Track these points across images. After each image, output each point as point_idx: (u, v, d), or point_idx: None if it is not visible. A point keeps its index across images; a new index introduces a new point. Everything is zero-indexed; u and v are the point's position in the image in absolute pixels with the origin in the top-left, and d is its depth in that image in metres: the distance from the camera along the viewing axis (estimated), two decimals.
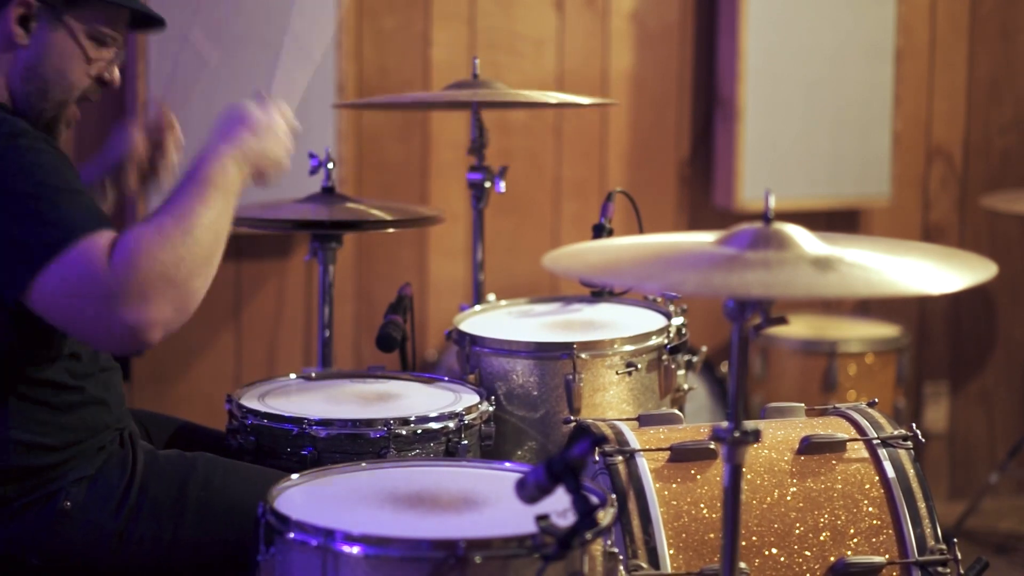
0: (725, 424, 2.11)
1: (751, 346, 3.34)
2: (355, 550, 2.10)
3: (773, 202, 2.14)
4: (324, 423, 2.72)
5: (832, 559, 2.48)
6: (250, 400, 2.86)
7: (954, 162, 5.12)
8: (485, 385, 2.96)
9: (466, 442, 2.75)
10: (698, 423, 2.72)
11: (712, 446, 2.51)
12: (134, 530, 2.53)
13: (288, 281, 4.52)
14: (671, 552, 2.43)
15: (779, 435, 2.60)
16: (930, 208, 5.12)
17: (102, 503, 2.52)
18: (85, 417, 2.55)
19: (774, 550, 2.47)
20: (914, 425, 2.64)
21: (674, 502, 2.48)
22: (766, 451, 2.56)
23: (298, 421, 2.73)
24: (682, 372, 3.09)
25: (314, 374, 3.07)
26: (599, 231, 3.27)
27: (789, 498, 2.51)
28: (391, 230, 4.06)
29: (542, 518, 2.05)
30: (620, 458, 2.51)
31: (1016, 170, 5.15)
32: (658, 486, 2.48)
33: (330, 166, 3.35)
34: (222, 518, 2.54)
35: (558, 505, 2.07)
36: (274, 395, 2.92)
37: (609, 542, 2.21)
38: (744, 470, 2.49)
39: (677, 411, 2.75)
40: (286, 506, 2.25)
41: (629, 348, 2.96)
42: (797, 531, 2.49)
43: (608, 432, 2.57)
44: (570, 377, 2.90)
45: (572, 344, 2.92)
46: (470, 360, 3.00)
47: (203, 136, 2.54)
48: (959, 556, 2.51)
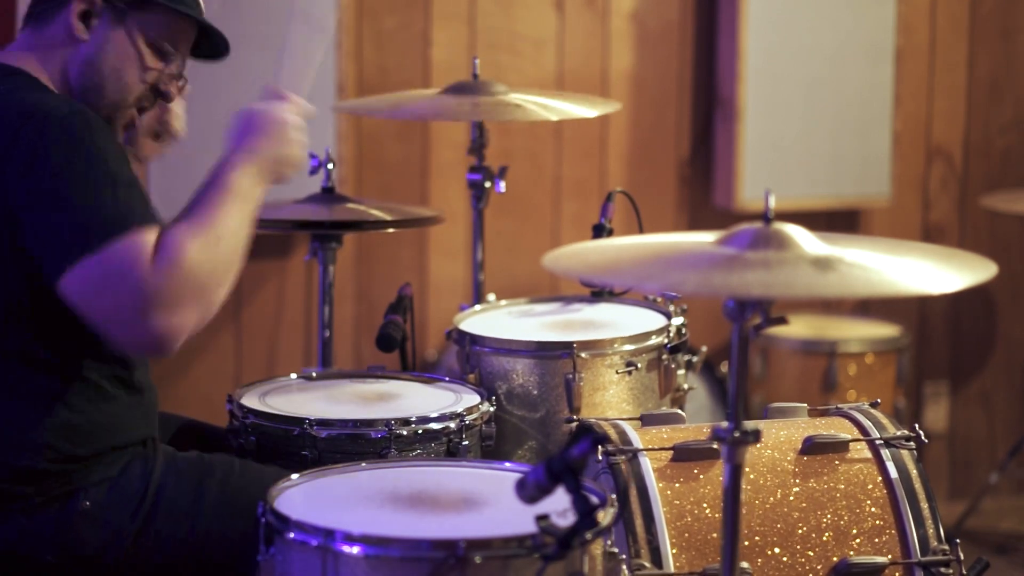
0: (725, 424, 2.11)
1: (751, 346, 3.33)
2: (355, 550, 2.10)
3: (773, 202, 2.14)
4: (325, 423, 2.72)
5: (835, 559, 2.48)
6: (251, 400, 2.86)
7: (954, 162, 5.12)
8: (485, 385, 2.96)
9: (467, 442, 2.75)
10: (698, 423, 2.72)
11: (715, 446, 2.51)
12: (150, 530, 2.53)
13: (288, 281, 4.52)
14: (674, 551, 2.43)
15: (782, 435, 2.59)
16: (930, 208, 5.12)
17: (121, 504, 2.53)
18: (119, 424, 2.55)
19: (777, 550, 2.47)
20: (916, 426, 2.64)
21: (677, 502, 2.48)
22: (769, 451, 2.56)
23: (299, 421, 2.72)
24: (682, 372, 3.09)
25: (314, 374, 3.07)
26: (599, 231, 3.27)
27: (792, 498, 2.51)
28: (391, 230, 4.06)
29: (542, 518, 2.05)
30: (623, 458, 2.51)
31: (1016, 170, 5.15)
32: (661, 485, 2.48)
33: (330, 166, 3.35)
34: (238, 518, 2.54)
35: (558, 505, 2.07)
36: (274, 395, 2.91)
37: (609, 542, 2.21)
38: (747, 470, 2.50)
39: (679, 411, 2.75)
40: (286, 506, 2.25)
41: (629, 348, 2.96)
42: (800, 531, 2.49)
43: (611, 432, 2.57)
44: (570, 377, 2.90)
45: (572, 344, 2.92)
46: (470, 360, 3.00)
47: (207, 132, 2.54)
48: (962, 556, 2.51)
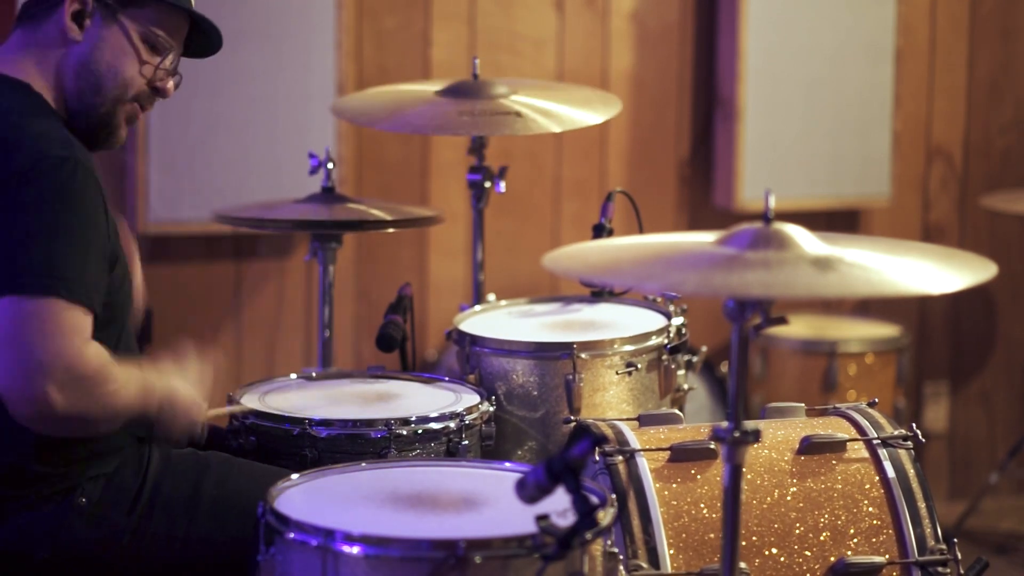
0: (725, 424, 2.11)
1: (751, 346, 3.34)
2: (355, 550, 2.10)
3: (773, 202, 2.14)
4: (324, 423, 2.72)
5: (832, 559, 2.48)
6: (250, 400, 2.86)
7: (954, 162, 5.12)
8: (485, 385, 2.96)
9: (467, 442, 2.75)
10: (698, 423, 2.72)
11: (712, 446, 2.51)
12: (146, 528, 2.54)
13: (288, 281, 4.52)
14: (671, 552, 2.43)
15: (779, 435, 2.60)
16: (930, 208, 5.12)
17: (116, 501, 2.53)
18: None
19: (774, 550, 2.47)
20: (914, 425, 2.64)
21: (674, 502, 2.48)
22: (766, 451, 2.56)
23: (298, 421, 2.73)
24: (682, 372, 3.09)
25: (314, 374, 3.07)
26: (599, 231, 3.27)
27: (789, 498, 2.51)
28: (391, 230, 4.06)
29: (542, 518, 2.05)
30: (620, 458, 2.51)
31: (1016, 170, 5.15)
32: (658, 486, 2.48)
33: (330, 166, 3.35)
34: (235, 517, 2.54)
35: (558, 505, 2.07)
36: (274, 395, 2.92)
37: (609, 542, 2.21)
38: (744, 470, 2.49)
39: (677, 411, 2.75)
40: (286, 506, 2.25)
41: (629, 348, 2.96)
42: (797, 531, 2.49)
43: (608, 432, 2.57)
44: (570, 377, 2.90)
45: (572, 344, 2.92)
46: (470, 360, 3.00)
47: (207, 131, 2.54)
48: (959, 556, 2.51)
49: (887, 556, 2.50)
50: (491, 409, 2.86)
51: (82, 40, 2.56)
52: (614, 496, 2.30)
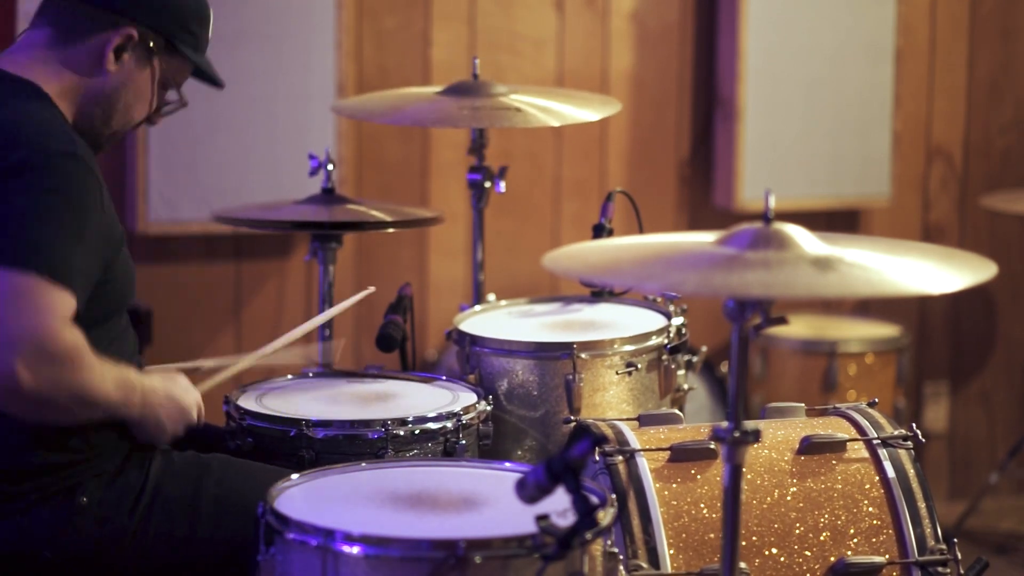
0: (725, 424, 2.11)
1: (751, 346, 3.34)
2: (355, 550, 2.10)
3: (773, 202, 2.14)
4: (322, 424, 2.71)
5: (832, 559, 2.48)
6: (247, 401, 2.86)
7: (954, 162, 5.12)
8: (485, 385, 2.96)
9: (464, 442, 2.75)
10: (698, 423, 2.72)
11: (712, 446, 2.51)
12: (148, 528, 2.54)
13: (288, 281, 4.52)
14: (671, 552, 2.43)
15: (779, 435, 2.60)
16: (930, 208, 5.12)
17: (118, 500, 2.53)
18: (113, 424, 2.55)
19: (774, 550, 2.47)
20: (914, 425, 2.64)
21: (674, 502, 2.48)
22: (766, 451, 2.56)
23: (296, 422, 2.72)
24: (682, 372, 3.09)
25: (311, 374, 3.07)
26: (599, 231, 3.27)
27: (789, 498, 2.51)
28: (391, 230, 4.06)
29: (542, 518, 2.05)
30: (620, 458, 2.51)
31: (1016, 170, 5.15)
32: (658, 486, 2.48)
33: (330, 167, 3.35)
34: (236, 517, 2.54)
35: (558, 505, 2.07)
36: (272, 396, 2.91)
37: (609, 542, 2.21)
38: (744, 470, 2.49)
39: (677, 411, 2.75)
40: (286, 506, 2.25)
41: (629, 348, 2.96)
42: (797, 531, 2.49)
43: (608, 432, 2.57)
44: (570, 377, 2.90)
45: (572, 344, 2.92)
46: (470, 360, 3.00)
47: (207, 130, 2.54)
48: (959, 556, 2.51)
49: (887, 556, 2.50)
50: (488, 408, 2.85)
51: (114, 73, 2.59)
52: (614, 496, 2.30)
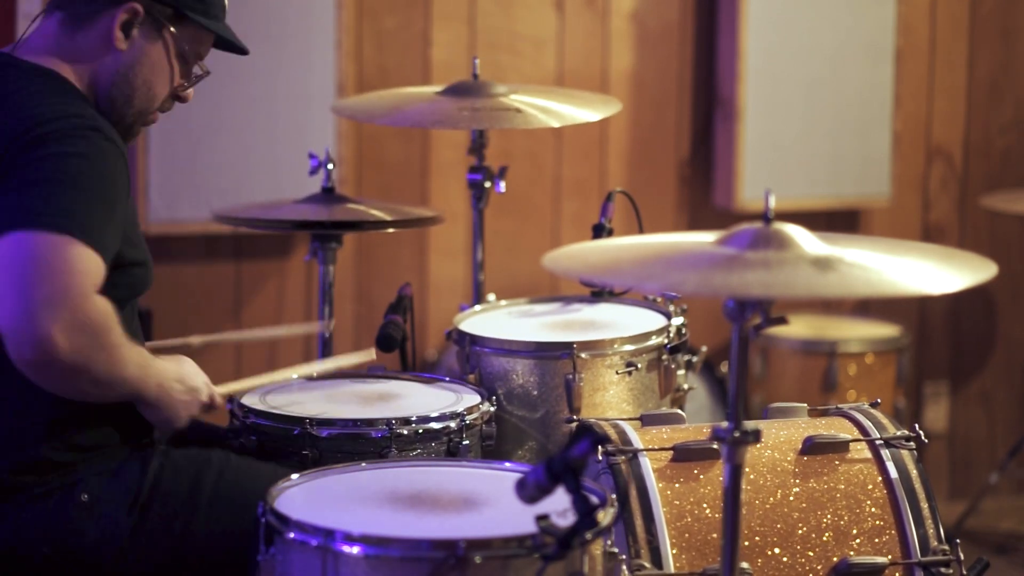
0: (725, 424, 2.11)
1: (751, 346, 3.33)
2: (355, 550, 2.10)
3: (773, 202, 2.14)
4: (325, 423, 2.72)
5: (835, 559, 2.48)
6: (251, 400, 2.86)
7: (954, 162, 5.12)
8: (485, 385, 2.96)
9: (467, 442, 2.75)
10: (698, 423, 2.72)
11: (715, 446, 2.51)
12: (146, 524, 2.54)
13: (288, 281, 4.52)
14: (674, 552, 2.43)
15: (782, 435, 2.59)
16: (930, 208, 5.12)
17: (118, 497, 2.53)
18: (118, 418, 2.55)
19: (777, 550, 2.47)
20: (917, 426, 2.64)
21: (677, 502, 2.48)
22: (769, 451, 2.56)
23: (299, 421, 2.72)
24: (682, 372, 3.08)
25: (315, 374, 3.07)
26: (599, 231, 3.27)
27: (792, 498, 2.51)
28: (391, 230, 4.06)
29: (542, 518, 2.05)
30: (623, 458, 2.51)
31: (1016, 170, 5.15)
32: (661, 486, 2.48)
33: (330, 167, 3.35)
34: (234, 514, 2.54)
35: (558, 505, 2.07)
36: (275, 395, 2.91)
37: (609, 542, 2.21)
38: (747, 470, 2.50)
39: (679, 411, 2.75)
40: (286, 506, 2.25)
41: (629, 348, 2.96)
42: (800, 531, 2.49)
43: (611, 432, 2.57)
44: (570, 377, 2.90)
45: (572, 344, 2.92)
46: (470, 360, 3.00)
47: (206, 129, 2.54)
48: (962, 556, 2.51)
49: (890, 556, 2.50)
50: (492, 409, 2.85)
51: (125, 50, 2.57)
52: (614, 496, 2.30)
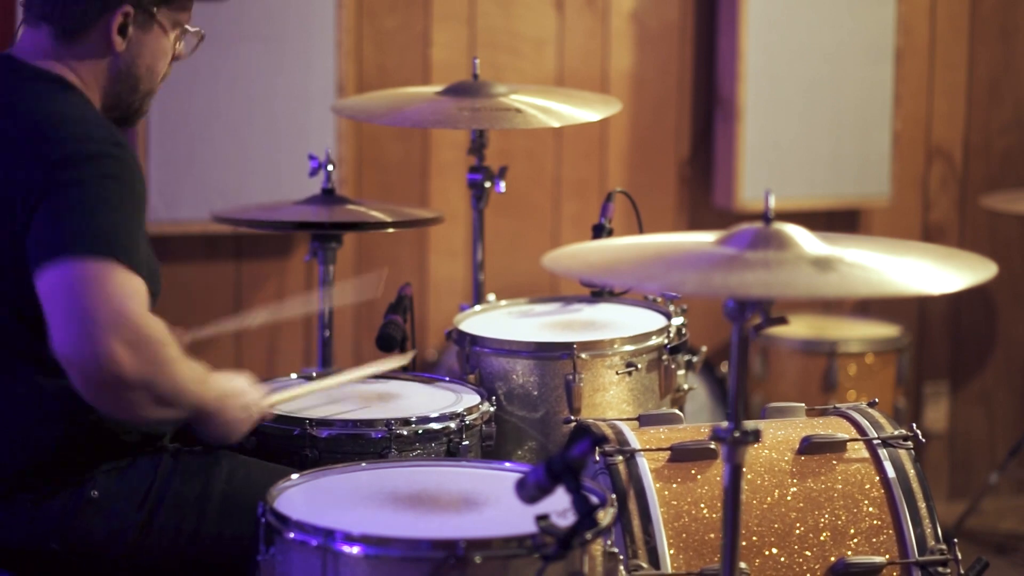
0: (725, 424, 2.12)
1: (751, 346, 3.34)
2: (355, 550, 2.11)
3: (773, 202, 2.14)
4: (325, 423, 2.72)
5: (832, 559, 2.48)
6: None
7: (954, 162, 5.12)
8: (485, 385, 2.96)
9: (467, 442, 2.75)
10: (698, 423, 2.72)
11: (712, 446, 2.51)
12: (156, 522, 2.54)
13: (288, 281, 4.52)
14: (671, 552, 2.43)
15: (779, 435, 2.60)
16: (930, 208, 5.12)
17: (128, 494, 2.54)
18: (127, 421, 2.55)
19: (774, 550, 2.48)
20: (914, 425, 2.64)
21: (674, 502, 2.48)
22: (766, 451, 2.56)
23: (299, 421, 2.73)
24: (682, 372, 3.09)
25: (314, 374, 3.07)
26: (599, 231, 3.27)
27: (789, 498, 2.52)
28: (391, 230, 4.06)
29: (542, 518, 2.05)
30: (620, 458, 2.51)
31: (1016, 170, 5.15)
32: (658, 486, 2.48)
33: (330, 168, 3.35)
34: (243, 515, 2.54)
35: (558, 505, 2.07)
36: (274, 395, 2.91)
37: (609, 542, 2.21)
38: (744, 470, 2.49)
39: (677, 411, 2.75)
40: (286, 506, 2.25)
41: (629, 348, 2.96)
42: (797, 531, 2.49)
43: (608, 432, 2.57)
44: (570, 377, 2.90)
45: (572, 344, 2.92)
46: (470, 360, 3.00)
47: (206, 128, 2.54)
48: (959, 556, 2.51)
49: (887, 556, 2.50)
50: (491, 409, 2.86)
51: (125, 49, 2.57)
52: (614, 496, 2.30)
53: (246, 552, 2.48)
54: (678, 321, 3.07)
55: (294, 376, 3.05)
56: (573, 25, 4.70)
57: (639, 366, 2.95)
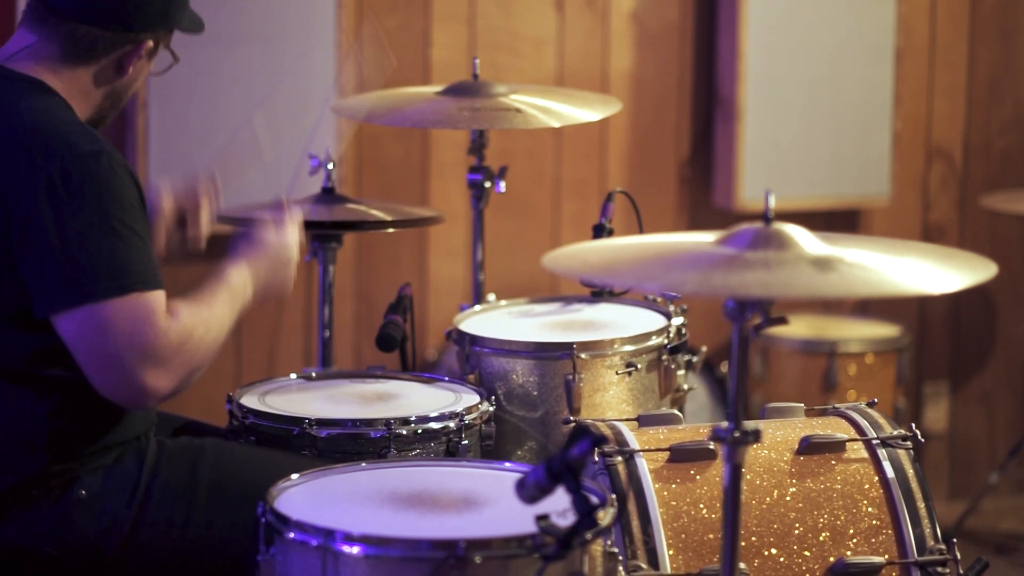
0: (725, 424, 2.12)
1: (751, 346, 3.34)
2: (355, 550, 2.11)
3: (773, 202, 2.14)
4: (324, 423, 2.72)
5: (831, 559, 2.48)
6: (250, 400, 2.87)
7: (954, 162, 5.12)
8: (485, 385, 2.96)
9: (467, 442, 2.75)
10: (698, 423, 2.72)
11: (712, 446, 2.51)
12: (146, 516, 2.54)
13: None
14: (670, 552, 2.43)
15: (778, 435, 2.60)
16: (930, 208, 5.12)
17: (116, 491, 2.54)
18: (115, 417, 2.56)
19: (773, 550, 2.48)
20: (913, 425, 2.64)
21: (673, 502, 2.48)
22: (765, 451, 2.56)
23: (298, 421, 2.73)
24: (682, 372, 3.09)
25: (314, 374, 3.07)
26: (599, 231, 3.27)
27: (788, 498, 2.52)
28: (391, 230, 4.06)
29: (542, 518, 2.05)
30: (619, 458, 2.51)
31: (1016, 170, 5.15)
32: (657, 486, 2.49)
33: (330, 167, 3.35)
34: (233, 500, 2.55)
35: (558, 505, 2.08)
36: (274, 395, 2.92)
37: (609, 542, 2.21)
38: (743, 470, 2.49)
39: (677, 411, 2.75)
40: (286, 506, 2.26)
41: (629, 348, 2.96)
42: (796, 531, 2.49)
43: (607, 432, 2.57)
44: (570, 377, 2.90)
45: (572, 344, 2.92)
46: (470, 360, 3.00)
47: (206, 128, 2.55)
48: (958, 556, 2.51)
49: (886, 556, 2.50)
50: (491, 409, 2.86)
51: (130, 73, 2.63)
52: (614, 496, 2.30)
53: (238, 539, 2.49)
54: (678, 321, 3.07)
55: (294, 376, 3.05)
56: (573, 25, 4.70)
57: (639, 366, 2.95)
